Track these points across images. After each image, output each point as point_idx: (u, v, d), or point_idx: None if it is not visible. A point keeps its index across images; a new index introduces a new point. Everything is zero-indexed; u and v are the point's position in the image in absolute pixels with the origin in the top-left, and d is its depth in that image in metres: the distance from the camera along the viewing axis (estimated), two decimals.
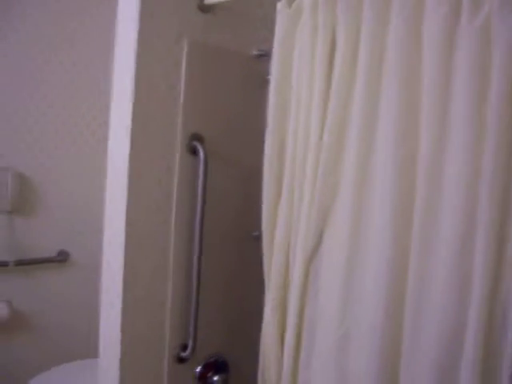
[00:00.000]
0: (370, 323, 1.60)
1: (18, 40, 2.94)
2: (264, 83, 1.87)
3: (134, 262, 1.97)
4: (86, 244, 3.22)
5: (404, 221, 1.54)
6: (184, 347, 2.14)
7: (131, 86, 1.91)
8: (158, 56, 1.96)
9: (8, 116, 2.95)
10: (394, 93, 1.54)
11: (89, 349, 2.48)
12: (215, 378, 2.27)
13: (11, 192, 2.94)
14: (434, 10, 1.47)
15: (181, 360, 2.15)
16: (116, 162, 1.98)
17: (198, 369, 2.23)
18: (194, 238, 2.07)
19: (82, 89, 3.17)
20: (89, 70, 3.19)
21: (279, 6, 1.80)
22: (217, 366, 2.29)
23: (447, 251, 1.46)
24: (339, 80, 1.65)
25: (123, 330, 1.97)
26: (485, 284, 1.39)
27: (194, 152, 2.06)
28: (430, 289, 1.50)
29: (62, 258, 3.20)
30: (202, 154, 2.03)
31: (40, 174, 3.05)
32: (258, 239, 1.93)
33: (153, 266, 2.03)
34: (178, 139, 2.03)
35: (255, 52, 2.26)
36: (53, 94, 3.08)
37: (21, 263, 3.01)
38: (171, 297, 2.09)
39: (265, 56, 2.20)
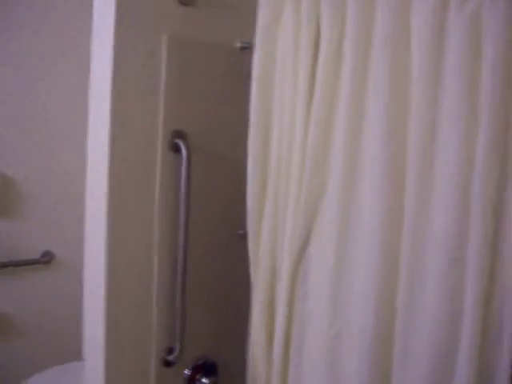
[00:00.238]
0: (360, 325, 1.55)
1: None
2: (249, 76, 1.80)
3: (116, 264, 1.90)
4: (71, 244, 3.14)
5: (394, 221, 1.49)
6: (171, 350, 2.07)
7: (108, 82, 1.83)
8: (137, 51, 1.88)
9: None
10: (382, 88, 1.48)
11: (77, 351, 2.42)
12: (204, 381, 2.20)
13: None
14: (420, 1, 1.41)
15: (168, 363, 2.08)
16: (95, 162, 1.91)
17: (187, 371, 2.16)
18: (179, 238, 2.00)
19: (72, 93, 3.08)
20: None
21: None
22: (205, 368, 2.22)
23: (439, 254, 1.41)
24: (324, 75, 1.59)
25: (107, 333, 1.91)
26: (478, 289, 1.34)
27: (176, 149, 1.99)
28: (421, 292, 1.45)
29: (46, 259, 3.12)
30: (184, 151, 1.96)
31: (22, 174, 2.99)
32: (244, 237, 1.87)
33: (136, 268, 1.97)
34: (159, 137, 1.96)
35: (238, 44, 2.19)
36: (42, 97, 3.00)
37: (4, 265, 2.94)
38: (156, 298, 2.02)
39: (249, 48, 2.13)
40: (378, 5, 1.48)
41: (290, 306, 1.68)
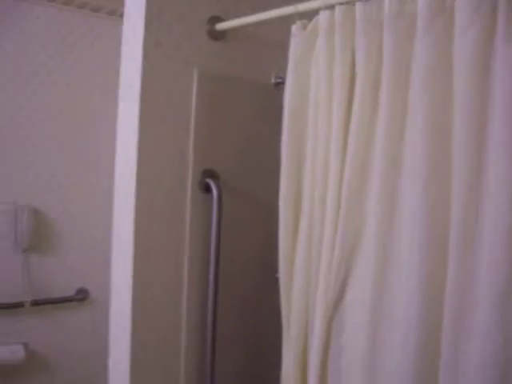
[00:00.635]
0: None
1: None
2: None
3: (141, 310, 1.82)
4: (107, 281, 3.08)
5: (435, 275, 1.35)
6: None
7: (136, 118, 1.77)
8: (166, 86, 1.82)
9: (21, 151, 2.83)
10: (421, 128, 1.35)
11: None
12: None
13: (26, 229, 2.82)
14: (464, 30, 1.28)
15: None
16: (121, 202, 1.84)
17: None
18: (209, 282, 1.90)
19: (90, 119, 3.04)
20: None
21: (294, 28, 1.65)
22: None
23: (489, 306, 1.26)
24: (360, 109, 1.48)
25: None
26: None
27: (207, 189, 1.90)
28: (468, 348, 1.31)
29: (81, 296, 3.06)
30: (215, 191, 1.87)
31: (56, 210, 2.96)
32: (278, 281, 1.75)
33: (165, 314, 1.88)
34: (189, 176, 1.89)
35: (273, 80, 2.10)
36: (71, 125, 2.96)
37: (37, 303, 2.88)
38: (185, 350, 1.93)
39: (283, 84, 2.04)
40: (417, 37, 1.36)
41: (324, 364, 1.55)
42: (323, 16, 1.55)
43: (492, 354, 1.24)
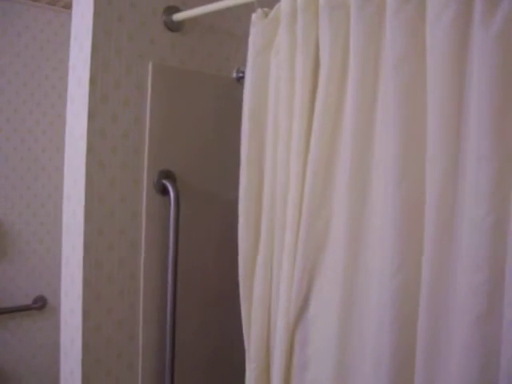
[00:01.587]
0: None
1: None
2: None
3: (95, 315, 1.68)
4: None
5: (409, 279, 1.24)
6: None
7: (85, 117, 1.64)
8: (118, 80, 1.69)
9: None
10: (393, 122, 1.23)
11: None
12: None
13: None
14: (437, 15, 1.17)
15: None
16: (71, 209, 1.70)
17: None
18: (167, 287, 1.77)
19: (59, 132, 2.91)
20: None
21: (254, 17, 1.53)
22: None
23: (466, 315, 1.15)
24: (324, 104, 1.37)
25: None
26: None
27: (163, 191, 1.77)
28: (444, 362, 1.20)
29: (39, 304, 2.92)
30: (172, 193, 1.74)
31: (10, 216, 2.82)
32: None
33: (120, 324, 1.74)
34: (144, 178, 1.75)
35: (235, 74, 1.97)
36: (30, 137, 2.83)
37: None
38: (142, 350, 1.79)
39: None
40: (386, 23, 1.25)
41: (287, 377, 1.43)
42: (285, 2, 1.43)
43: (470, 373, 1.13)
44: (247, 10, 1.60)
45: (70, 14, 1.76)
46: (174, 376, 1.78)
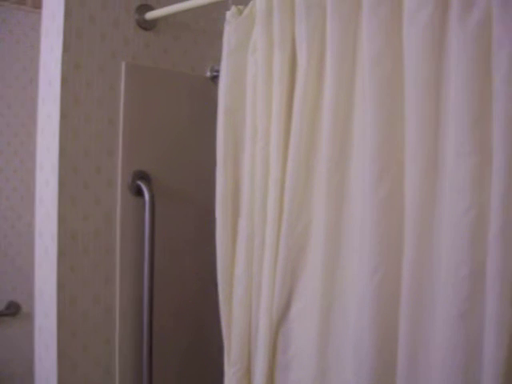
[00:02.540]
0: None
1: None
2: None
3: (69, 320, 1.65)
4: None
5: (389, 278, 1.23)
6: None
7: (57, 117, 1.60)
8: (90, 80, 1.66)
9: None
10: (371, 117, 1.23)
11: None
12: None
13: None
14: (414, 12, 1.17)
15: None
16: (44, 212, 1.67)
17: None
18: (143, 290, 1.74)
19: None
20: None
21: (228, 15, 1.51)
22: None
23: (448, 311, 1.15)
24: (302, 102, 1.36)
25: None
26: (500, 345, 1.08)
27: (138, 192, 1.74)
28: (428, 360, 1.19)
29: (11, 310, 2.85)
30: (147, 194, 1.71)
31: None
32: None
33: (96, 330, 1.71)
34: (118, 179, 1.72)
35: (209, 73, 1.95)
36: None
37: None
38: (119, 359, 1.75)
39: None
40: (363, 21, 1.24)
41: (270, 378, 1.41)
42: (260, 0, 1.41)
43: (454, 370, 1.13)
44: (221, 7, 1.58)
45: (40, 14, 1.73)
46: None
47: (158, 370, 1.78)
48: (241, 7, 1.50)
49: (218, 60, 1.92)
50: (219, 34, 1.85)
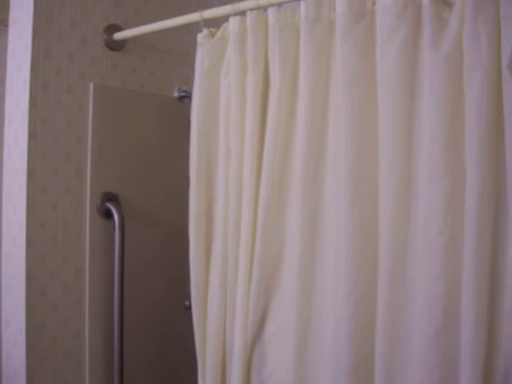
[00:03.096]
0: None
1: None
2: (190, 127, 1.57)
3: (40, 350, 1.61)
4: None
5: (364, 296, 1.24)
6: None
7: (25, 138, 1.58)
8: (58, 101, 1.64)
9: None
10: (345, 138, 1.25)
11: None
12: None
13: None
14: (388, 36, 1.19)
15: None
16: (12, 234, 1.63)
17: None
18: (114, 313, 1.71)
19: None
20: None
21: (200, 37, 1.51)
22: None
23: (423, 329, 1.17)
24: (275, 123, 1.37)
25: None
26: (476, 362, 1.10)
27: (107, 214, 1.72)
28: (404, 377, 1.21)
29: None
30: (116, 216, 1.70)
31: None
32: (190, 309, 1.58)
33: (66, 355, 1.67)
34: (87, 201, 1.70)
35: (177, 93, 1.95)
36: None
37: None
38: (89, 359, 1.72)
39: (188, 97, 1.91)
40: (336, 43, 1.26)
41: None
42: (233, 22, 1.42)
43: None
44: (188, 28, 1.59)
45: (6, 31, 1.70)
46: None
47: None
48: (213, 29, 1.50)
49: (185, 80, 1.95)
50: (186, 55, 1.87)
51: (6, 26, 1.69)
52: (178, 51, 1.95)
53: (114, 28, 1.75)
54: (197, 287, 1.53)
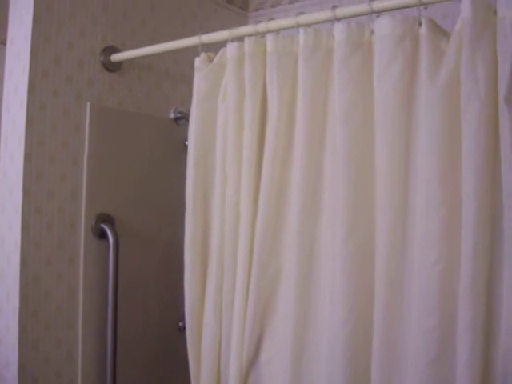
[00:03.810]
0: None
1: None
2: (185, 148, 1.57)
3: (33, 369, 1.60)
4: None
5: (360, 324, 1.25)
6: None
7: (21, 157, 1.58)
8: (55, 122, 1.64)
9: None
10: (341, 170, 1.25)
11: None
12: None
13: None
14: (385, 66, 1.21)
15: None
16: (6, 253, 1.62)
17: None
18: (107, 339, 1.70)
19: None
20: None
21: (197, 61, 1.52)
22: None
23: (418, 360, 1.17)
24: (273, 149, 1.37)
25: None
26: None
27: (102, 235, 1.72)
28: None
29: None
30: (111, 238, 1.70)
31: None
32: (184, 330, 1.58)
33: (57, 374, 1.66)
34: (81, 222, 1.70)
35: (173, 115, 1.96)
36: None
37: None
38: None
39: (184, 119, 1.92)
40: (334, 71, 1.27)
41: None
42: (231, 47, 1.43)
43: None
44: (185, 49, 1.60)
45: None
46: None
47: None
48: (211, 54, 1.51)
49: (182, 101, 1.96)
50: (182, 76, 1.88)
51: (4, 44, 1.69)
52: (174, 72, 1.96)
53: (111, 49, 1.76)
54: (191, 310, 1.52)
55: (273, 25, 1.39)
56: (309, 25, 1.33)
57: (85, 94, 1.71)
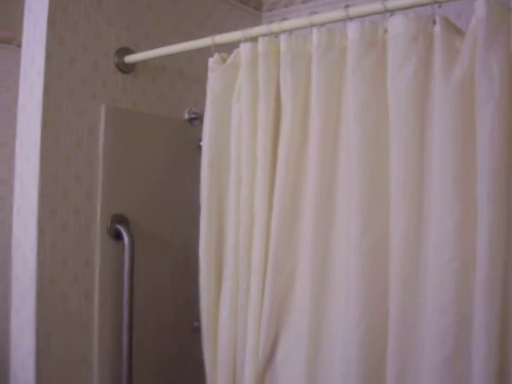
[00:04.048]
0: None
1: None
2: (200, 149, 1.57)
3: (47, 372, 1.60)
4: None
5: (375, 328, 1.24)
6: None
7: (37, 158, 1.59)
8: (70, 123, 1.65)
9: None
10: (356, 170, 1.25)
11: None
12: None
13: None
14: (399, 65, 1.20)
15: None
16: (21, 255, 1.63)
17: None
18: (123, 339, 1.71)
19: None
20: None
21: (211, 62, 1.52)
22: None
23: (433, 358, 1.16)
24: (287, 149, 1.37)
25: None
26: None
27: (117, 236, 1.73)
28: None
29: None
30: (126, 239, 1.70)
31: None
32: (199, 330, 1.58)
33: (71, 379, 1.66)
34: (97, 223, 1.70)
35: (187, 115, 1.96)
36: None
37: None
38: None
39: (199, 119, 1.92)
40: (348, 70, 1.27)
41: None
42: (244, 48, 1.43)
43: None
44: (199, 50, 1.60)
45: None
46: None
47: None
48: (224, 54, 1.51)
49: (196, 101, 1.96)
50: (196, 76, 1.88)
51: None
52: (188, 73, 1.97)
53: (125, 51, 1.76)
54: (207, 312, 1.53)
55: (286, 25, 1.38)
56: (322, 24, 1.32)
57: (99, 96, 1.72)
